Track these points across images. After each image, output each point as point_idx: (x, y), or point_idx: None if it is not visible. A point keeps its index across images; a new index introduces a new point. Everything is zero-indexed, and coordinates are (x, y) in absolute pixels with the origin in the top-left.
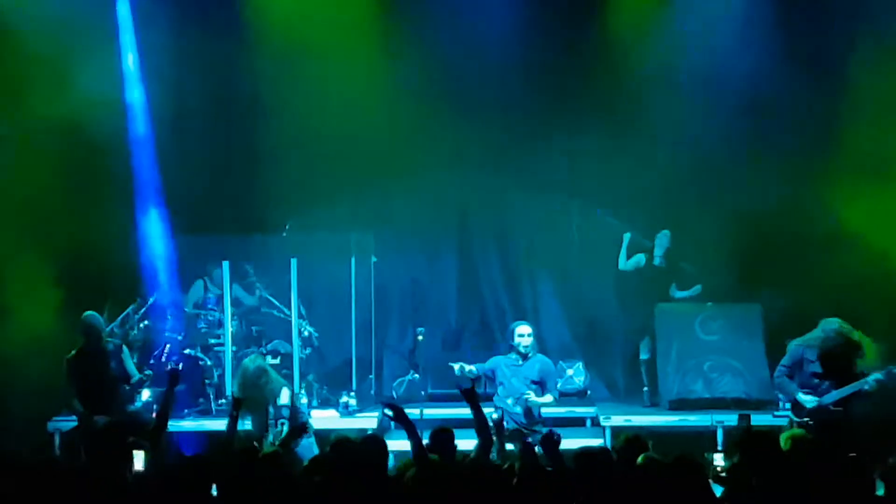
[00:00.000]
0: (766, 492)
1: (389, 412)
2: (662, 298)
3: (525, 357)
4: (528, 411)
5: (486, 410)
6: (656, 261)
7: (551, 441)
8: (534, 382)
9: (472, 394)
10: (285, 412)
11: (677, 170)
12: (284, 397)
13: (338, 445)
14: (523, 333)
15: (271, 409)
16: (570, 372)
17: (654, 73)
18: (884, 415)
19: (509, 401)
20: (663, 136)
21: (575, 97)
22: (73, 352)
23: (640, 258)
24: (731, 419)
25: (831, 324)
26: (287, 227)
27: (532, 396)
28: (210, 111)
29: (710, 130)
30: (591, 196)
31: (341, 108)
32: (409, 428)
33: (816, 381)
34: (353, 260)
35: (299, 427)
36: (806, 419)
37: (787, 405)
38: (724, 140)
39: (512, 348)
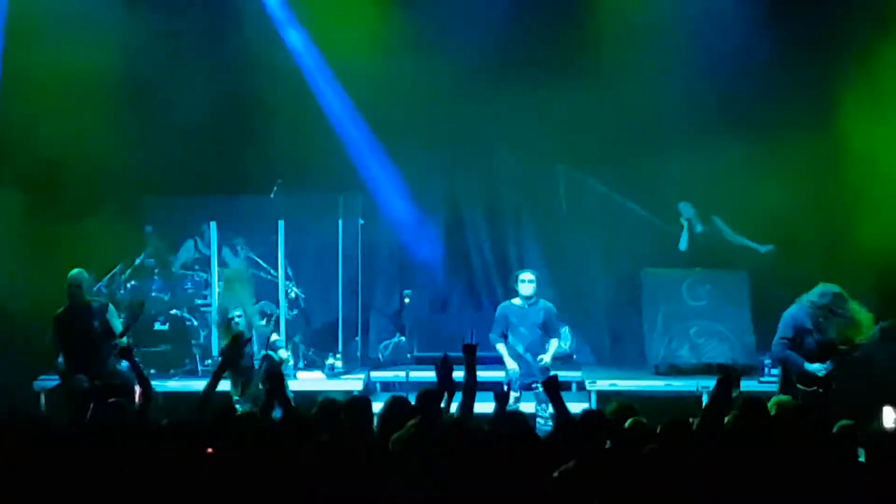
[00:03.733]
0: (754, 456)
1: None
2: (718, 260)
3: (528, 301)
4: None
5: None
6: (698, 228)
7: (554, 384)
8: (538, 327)
9: (473, 352)
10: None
11: (667, 135)
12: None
13: (324, 406)
14: (524, 280)
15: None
16: None
17: (645, 36)
18: (867, 380)
19: (519, 347)
20: (654, 101)
21: (564, 63)
22: (60, 310)
23: (684, 233)
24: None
25: (831, 287)
26: (275, 188)
27: (546, 358)
28: (199, 70)
29: (702, 93)
30: (578, 161)
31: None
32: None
33: (818, 350)
34: (340, 221)
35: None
36: (815, 388)
37: (775, 371)
38: (714, 103)
39: (516, 293)
